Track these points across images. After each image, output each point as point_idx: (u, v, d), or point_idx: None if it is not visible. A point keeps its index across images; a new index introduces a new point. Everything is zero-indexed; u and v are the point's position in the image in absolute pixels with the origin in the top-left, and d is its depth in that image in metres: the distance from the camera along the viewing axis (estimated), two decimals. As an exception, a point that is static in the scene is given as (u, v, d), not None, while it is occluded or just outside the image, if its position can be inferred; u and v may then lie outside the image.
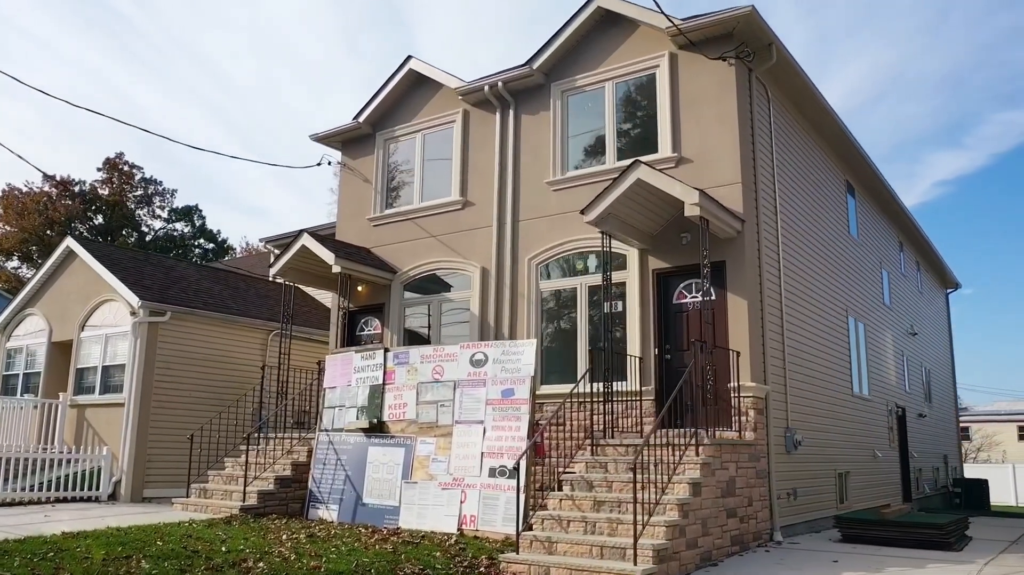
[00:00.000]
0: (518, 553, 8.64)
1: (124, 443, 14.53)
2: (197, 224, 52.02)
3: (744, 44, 11.64)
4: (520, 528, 9.87)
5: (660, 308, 11.84)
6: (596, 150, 13.01)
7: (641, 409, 11.48)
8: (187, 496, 12.72)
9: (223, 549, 8.69)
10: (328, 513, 11.80)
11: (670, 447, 9.82)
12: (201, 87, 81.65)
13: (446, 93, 14.81)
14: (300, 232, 14.20)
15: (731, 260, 11.28)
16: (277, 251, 22.28)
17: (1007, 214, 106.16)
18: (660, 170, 10.98)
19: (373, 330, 15.00)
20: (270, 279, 21.66)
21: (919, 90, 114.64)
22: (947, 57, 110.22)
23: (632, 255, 12.07)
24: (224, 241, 52.91)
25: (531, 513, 9.33)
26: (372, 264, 14.45)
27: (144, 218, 49.91)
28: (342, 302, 13.75)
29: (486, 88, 13.81)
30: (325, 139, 16.27)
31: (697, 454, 9.39)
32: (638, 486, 9.07)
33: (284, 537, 9.72)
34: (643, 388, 11.53)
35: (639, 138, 12.65)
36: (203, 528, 10.13)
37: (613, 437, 10.71)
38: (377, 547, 9.15)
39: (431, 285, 14.43)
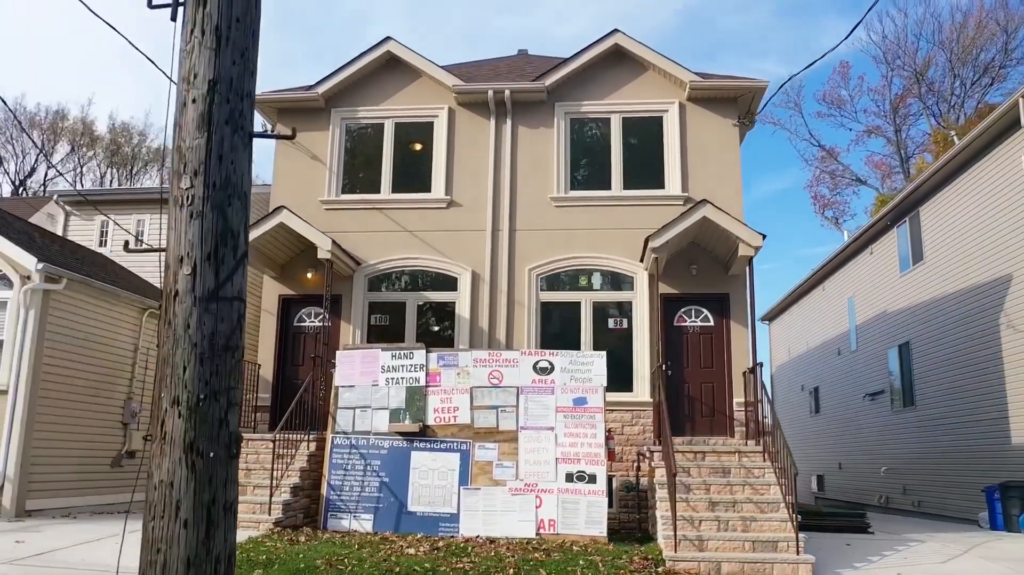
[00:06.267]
0: (675, 551, 9.37)
1: (7, 442, 11.30)
2: None
3: (749, 110, 13.68)
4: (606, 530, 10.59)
5: (664, 328, 13.22)
6: (600, 175, 13.89)
7: (649, 418, 12.72)
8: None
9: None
10: (358, 523, 10.87)
11: (738, 454, 11.37)
12: None
13: (426, 84, 14.32)
14: (279, 208, 12.55)
15: (734, 292, 13.15)
16: (69, 208, 18.65)
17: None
18: (721, 209, 12.38)
19: (316, 322, 13.76)
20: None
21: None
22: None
23: (642, 278, 13.27)
24: None
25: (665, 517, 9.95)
26: (343, 251, 13.34)
27: None
28: (327, 289, 12.46)
29: (490, 93, 13.79)
30: (259, 102, 14.40)
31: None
32: (745, 488, 10.47)
33: (412, 552, 9.06)
34: (653, 400, 12.78)
35: (645, 172, 13.88)
36: (307, 550, 8.87)
37: (655, 444, 11.83)
38: (538, 556, 9.09)
39: (406, 282, 13.81)
